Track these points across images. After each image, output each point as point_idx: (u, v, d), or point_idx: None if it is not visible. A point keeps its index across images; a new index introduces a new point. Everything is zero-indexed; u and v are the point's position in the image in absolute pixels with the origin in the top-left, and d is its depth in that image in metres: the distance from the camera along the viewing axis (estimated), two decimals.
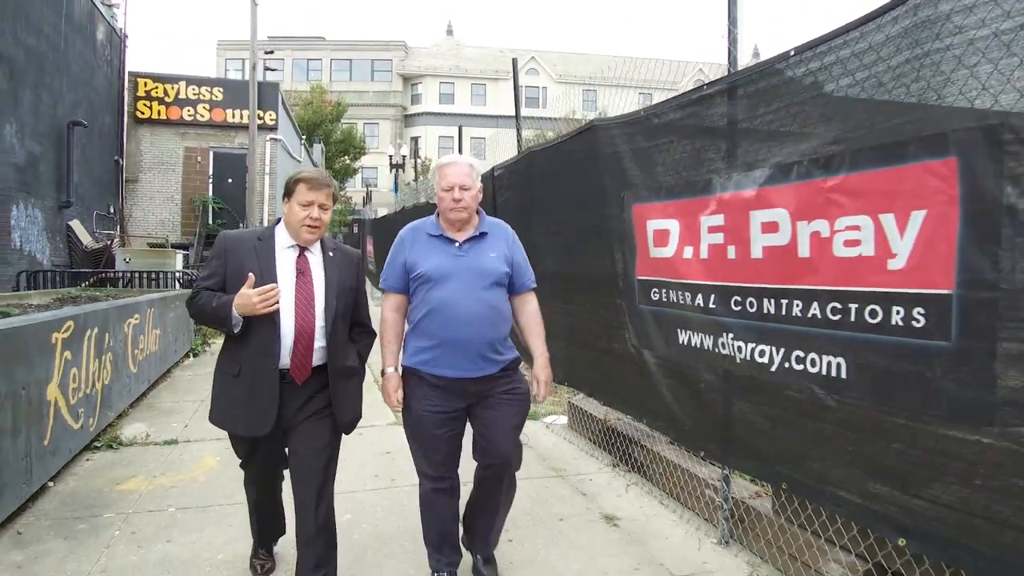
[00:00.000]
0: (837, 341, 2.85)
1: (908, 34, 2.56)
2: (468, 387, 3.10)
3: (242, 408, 2.88)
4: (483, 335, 3.08)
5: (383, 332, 3.25)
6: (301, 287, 2.94)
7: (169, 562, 3.48)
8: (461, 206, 3.12)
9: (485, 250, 3.20)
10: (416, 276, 3.15)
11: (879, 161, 2.64)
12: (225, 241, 2.99)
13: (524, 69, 52.01)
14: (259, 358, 2.86)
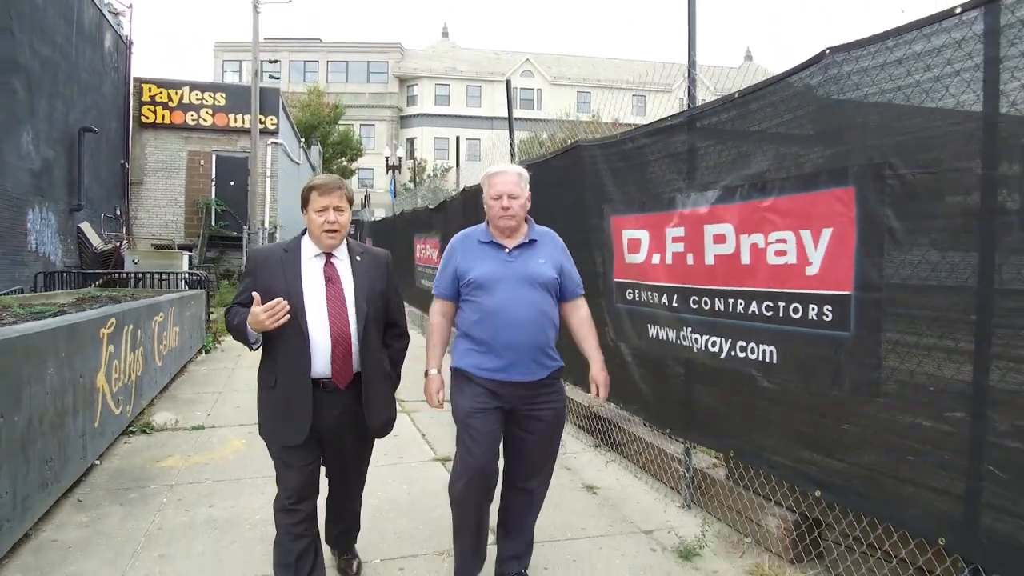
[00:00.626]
0: (770, 333, 3.50)
1: (821, 86, 3.20)
2: (515, 391, 3.16)
3: (280, 419, 2.96)
4: (533, 340, 3.14)
5: (430, 335, 3.36)
6: (332, 294, 3.00)
7: (214, 521, 4.10)
8: (509, 214, 3.19)
9: (535, 256, 3.27)
10: (467, 282, 3.21)
11: (800, 187, 3.29)
12: (255, 257, 3.08)
13: (519, 71, 52.64)
14: (291, 369, 2.92)
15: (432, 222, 11.54)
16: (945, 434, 2.64)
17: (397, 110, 52.62)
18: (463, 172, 43.19)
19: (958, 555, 2.65)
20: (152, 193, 20.98)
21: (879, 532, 3.13)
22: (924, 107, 2.74)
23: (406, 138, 51.88)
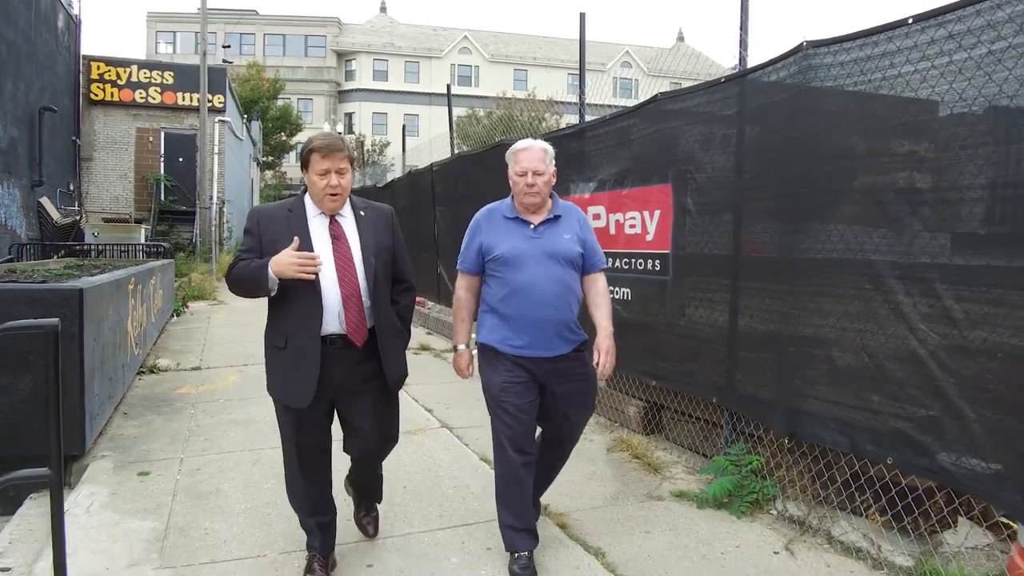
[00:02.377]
0: (627, 280, 5.20)
1: (652, 119, 4.89)
2: (543, 365, 3.19)
3: (289, 379, 2.92)
4: (559, 315, 3.17)
5: (456, 310, 3.41)
6: (339, 251, 2.95)
7: (237, 421, 5.62)
8: (534, 191, 3.21)
9: (559, 232, 3.28)
10: (493, 258, 3.23)
11: (642, 183, 4.98)
12: (258, 215, 3.01)
13: (457, 48, 53.59)
14: (302, 328, 2.87)
15: (379, 200, 12.98)
16: (716, 339, 4.38)
17: (335, 85, 53.04)
18: (399, 146, 43.95)
19: (724, 407, 4.42)
20: (102, 169, 21.74)
21: (690, 406, 4.89)
22: (708, 135, 4.45)
23: (344, 113, 52.44)
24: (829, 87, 3.57)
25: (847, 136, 3.49)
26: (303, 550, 3.20)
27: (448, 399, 6.38)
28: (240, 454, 4.79)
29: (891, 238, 3.23)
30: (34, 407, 4.29)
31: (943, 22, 3.00)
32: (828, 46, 3.55)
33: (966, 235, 2.99)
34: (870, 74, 3.34)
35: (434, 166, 9.53)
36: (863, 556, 3.35)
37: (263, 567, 3.19)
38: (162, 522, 3.65)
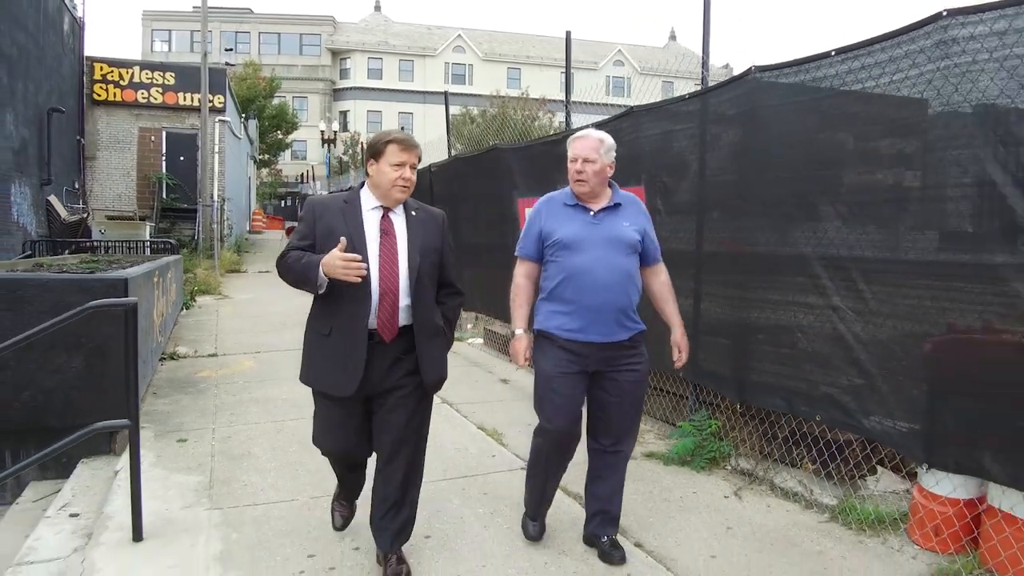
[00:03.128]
0: None
1: (628, 130, 5.53)
2: (597, 352, 3.18)
3: (332, 367, 2.96)
4: (617, 301, 3.17)
5: (515, 296, 3.40)
6: (385, 246, 2.98)
7: (256, 400, 6.25)
8: (581, 178, 3.24)
9: (619, 220, 3.29)
10: (552, 243, 3.26)
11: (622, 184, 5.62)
12: (313, 205, 3.09)
13: (451, 46, 54.14)
14: (350, 318, 2.92)
15: None
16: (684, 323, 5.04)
17: (330, 83, 53.58)
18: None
19: (690, 381, 5.07)
20: (105, 167, 22.27)
21: (663, 382, 5.54)
22: (671, 149, 5.10)
23: (339, 111, 52.96)
24: (772, 105, 4.22)
25: (788, 149, 4.14)
26: (318, 498, 3.85)
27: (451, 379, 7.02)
28: (264, 425, 5.42)
29: (819, 234, 3.88)
30: (85, 383, 4.91)
31: (857, 55, 3.65)
32: (771, 71, 4.21)
33: (875, 234, 3.65)
34: (805, 95, 4.00)
35: (432, 167, 10.16)
36: (798, 498, 4.01)
37: (296, 507, 3.83)
38: (205, 477, 4.29)
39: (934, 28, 3.20)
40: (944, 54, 3.18)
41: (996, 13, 2.95)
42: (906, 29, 3.32)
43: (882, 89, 3.54)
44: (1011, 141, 2.97)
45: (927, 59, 3.26)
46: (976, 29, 3.03)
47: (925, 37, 3.27)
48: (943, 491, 3.41)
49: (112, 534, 3.45)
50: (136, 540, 3.36)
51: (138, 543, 3.34)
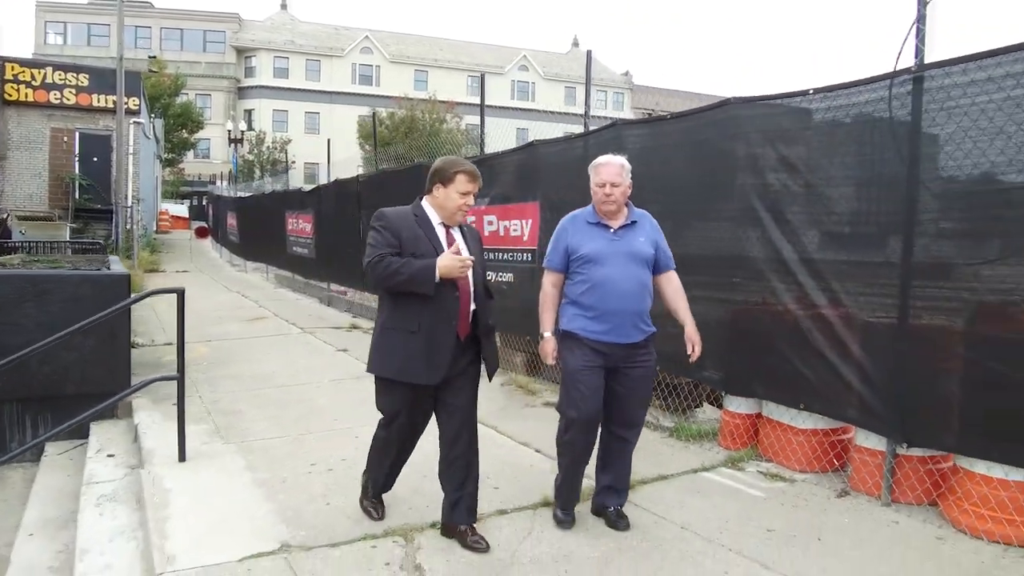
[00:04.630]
0: (511, 267, 7.44)
1: (526, 160, 7.14)
2: (617, 351, 3.63)
3: (420, 360, 3.33)
4: (635, 307, 3.64)
5: (543, 302, 3.84)
6: None
7: (225, 375, 7.51)
8: (611, 200, 3.68)
9: (636, 236, 3.75)
10: (578, 257, 3.70)
11: (521, 200, 7.23)
12: (391, 216, 3.47)
13: (358, 47, 54.70)
14: (440, 317, 3.34)
15: (305, 201, 14.81)
16: None
17: (235, 81, 53.28)
18: (301, 145, 44.24)
19: None
20: (16, 167, 22.37)
21: None
22: (563, 171, 6.74)
23: (244, 109, 52.69)
24: (631, 145, 5.88)
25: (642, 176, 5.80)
26: (311, 432, 5.27)
27: None
28: (241, 392, 6.73)
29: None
30: (98, 358, 6.12)
31: (677, 120, 5.35)
32: (633, 125, 5.88)
33: (693, 238, 5.35)
34: (658, 139, 5.68)
35: (360, 177, 11.53)
36: (649, 425, 5.69)
37: (289, 440, 5.24)
38: (210, 425, 5.62)
39: (721, 111, 4.94)
40: (735, 124, 4.91)
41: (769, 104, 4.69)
42: (703, 109, 5.05)
43: (690, 141, 5.25)
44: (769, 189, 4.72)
45: (715, 127, 5.00)
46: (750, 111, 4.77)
47: (721, 113, 4.99)
48: (737, 409, 5.15)
49: (159, 459, 4.78)
50: (181, 460, 4.71)
51: (183, 463, 4.69)
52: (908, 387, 3.95)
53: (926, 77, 3.80)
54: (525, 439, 5.32)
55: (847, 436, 4.62)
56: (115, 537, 3.87)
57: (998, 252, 3.63)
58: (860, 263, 4.24)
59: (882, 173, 4.11)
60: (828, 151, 4.48)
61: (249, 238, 20.67)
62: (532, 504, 4.05)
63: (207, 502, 4.04)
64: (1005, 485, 3.61)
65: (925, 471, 4.05)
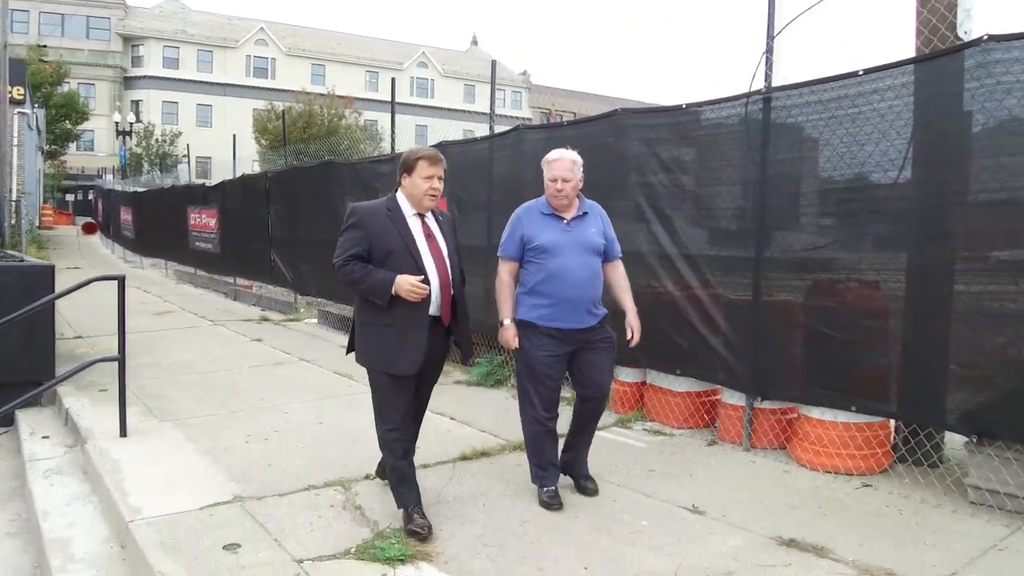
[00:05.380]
0: None
1: None
2: (574, 336, 3.83)
3: (398, 352, 3.47)
4: (588, 295, 3.84)
5: (500, 291, 3.97)
6: (433, 247, 3.57)
7: (143, 364, 7.74)
8: (562, 195, 3.86)
9: (587, 226, 3.93)
10: (533, 247, 3.85)
11: None
12: (361, 212, 3.56)
13: (252, 39, 53.55)
14: (412, 309, 3.43)
15: (209, 196, 14.84)
16: (469, 293, 7.33)
17: (121, 70, 51.20)
18: (192, 138, 43.07)
19: (483, 333, 7.37)
20: None
21: None
22: (471, 172, 7.35)
23: (131, 100, 50.73)
24: (527, 148, 6.55)
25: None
26: (241, 411, 5.71)
27: (297, 347, 8.84)
28: (164, 379, 7.02)
29: None
30: (20, 349, 6.30)
31: (572, 126, 6.07)
32: (533, 130, 6.56)
33: None
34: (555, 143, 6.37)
35: (268, 173, 11.79)
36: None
37: (221, 418, 5.64)
38: (142, 407, 5.93)
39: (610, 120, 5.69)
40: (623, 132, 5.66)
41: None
42: (596, 117, 5.80)
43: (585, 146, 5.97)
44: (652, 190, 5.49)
45: (607, 134, 5.74)
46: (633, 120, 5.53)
47: (611, 121, 5.73)
48: (625, 379, 5.92)
49: (101, 436, 5.10)
50: (122, 436, 5.06)
51: (124, 438, 5.05)
52: (762, 352, 4.79)
53: (773, 98, 4.65)
54: (440, 411, 5.91)
55: (716, 396, 5.45)
56: (71, 502, 4.24)
57: (826, 241, 4.51)
58: (725, 251, 5.07)
59: (742, 176, 4.93)
60: (699, 157, 5.29)
61: (147, 233, 20.31)
62: (451, 459, 4.67)
63: (157, 467, 4.45)
64: (834, 426, 4.49)
65: (776, 421, 4.90)
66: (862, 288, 4.44)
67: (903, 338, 4.26)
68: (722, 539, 3.52)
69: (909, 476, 4.36)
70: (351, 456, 4.68)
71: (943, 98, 4.04)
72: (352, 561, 3.24)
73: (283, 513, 3.76)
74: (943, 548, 3.47)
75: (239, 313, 12.02)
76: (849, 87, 4.31)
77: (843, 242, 4.48)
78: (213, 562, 3.20)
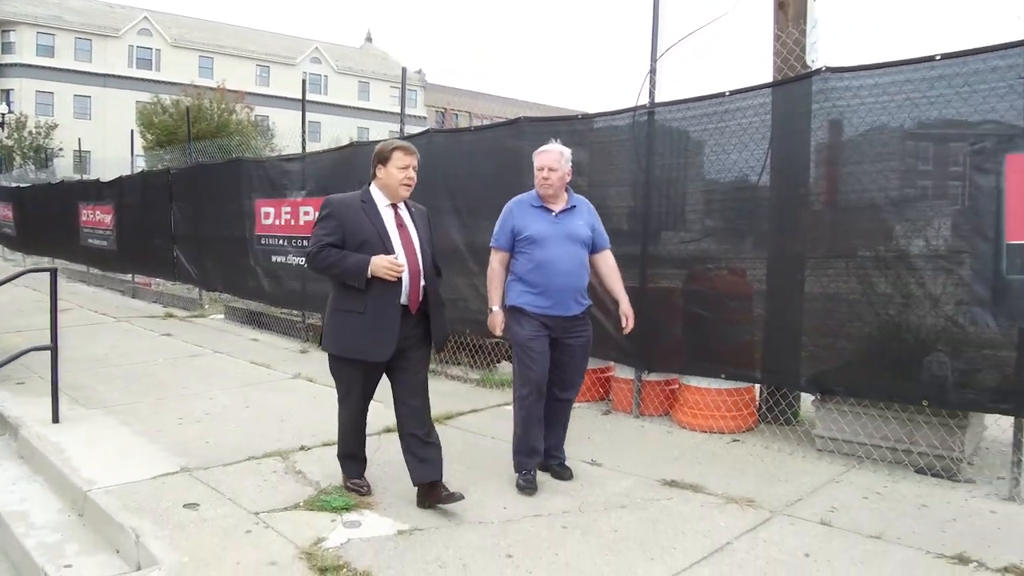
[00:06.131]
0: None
1: (345, 155, 8.15)
2: (559, 323, 4.03)
3: (370, 339, 3.57)
4: (575, 284, 4.04)
5: (491, 279, 4.20)
6: (405, 237, 3.69)
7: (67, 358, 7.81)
8: (548, 183, 4.04)
9: (575, 219, 4.11)
10: (523, 238, 4.04)
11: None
12: (335, 204, 3.68)
13: (136, 29, 51.35)
14: (384, 297, 3.56)
15: (104, 193, 14.54)
16: None
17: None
18: (69, 130, 40.99)
19: None
20: None
21: None
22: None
23: (1, 89, 47.67)
24: (438, 149, 7.07)
25: (446, 177, 7.03)
26: (167, 398, 6.00)
27: (208, 340, 9.04)
28: (81, 372, 7.13)
29: (470, 228, 6.81)
30: None
31: (474, 132, 6.65)
32: (442, 133, 7.08)
33: None
34: (462, 146, 6.92)
35: (172, 170, 11.80)
36: (460, 379, 6.96)
37: (149, 404, 5.90)
38: (67, 398, 6.03)
39: (512, 127, 6.30)
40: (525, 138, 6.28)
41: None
42: (500, 124, 6.40)
43: (489, 150, 6.57)
44: None
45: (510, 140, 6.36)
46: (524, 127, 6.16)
47: (515, 128, 6.34)
48: None
49: (33, 423, 5.27)
50: (55, 422, 5.27)
51: (57, 424, 5.26)
52: (649, 332, 5.49)
53: (656, 112, 5.38)
54: None
55: (609, 373, 6.15)
56: (16, 482, 4.48)
57: (701, 235, 5.29)
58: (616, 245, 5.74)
59: (632, 179, 5.65)
60: (595, 161, 5.97)
61: (31, 230, 19.48)
62: (378, 432, 5.12)
63: (99, 447, 4.73)
64: (708, 392, 5.26)
65: (661, 390, 5.66)
66: (730, 276, 5.24)
67: (765, 317, 5.07)
68: (616, 483, 4.18)
69: (771, 432, 5.20)
70: (283, 432, 5.09)
71: (794, 116, 4.84)
72: (303, 511, 3.71)
73: (231, 479, 4.16)
74: (793, 483, 4.25)
75: (141, 310, 11.98)
76: (718, 105, 5.08)
77: (715, 237, 5.28)
78: (177, 517, 3.59)
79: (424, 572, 3.10)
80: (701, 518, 3.73)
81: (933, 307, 4.26)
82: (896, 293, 4.40)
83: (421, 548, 3.32)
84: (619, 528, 3.59)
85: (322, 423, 5.27)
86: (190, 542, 3.33)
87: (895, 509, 3.87)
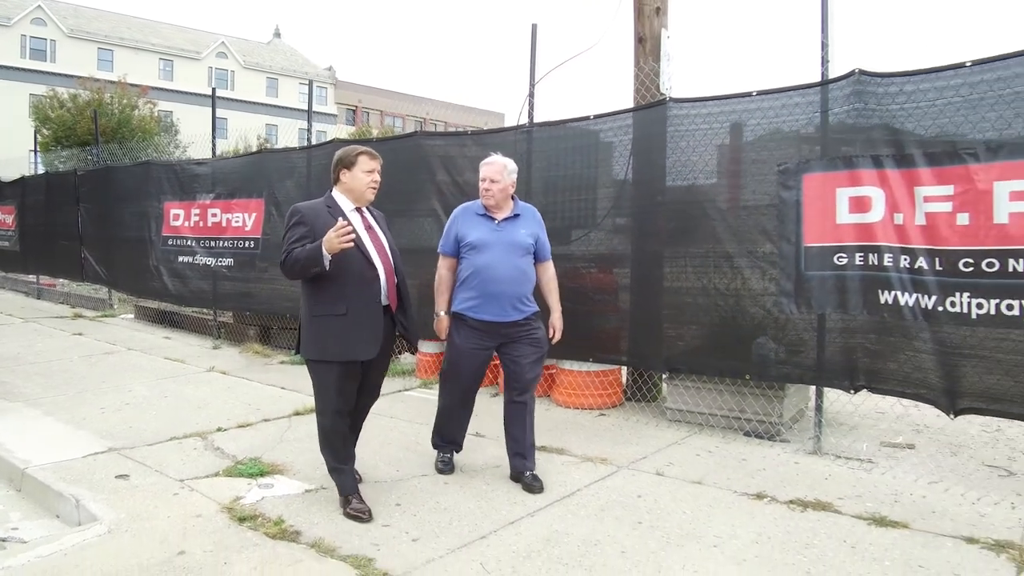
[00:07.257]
0: (231, 253, 8.86)
1: (259, 161, 8.65)
2: (499, 329, 4.13)
3: (354, 340, 3.62)
4: (512, 291, 4.09)
5: (438, 285, 4.31)
6: (374, 239, 3.78)
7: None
8: (490, 194, 4.16)
9: (518, 227, 4.20)
10: (464, 244, 4.15)
11: (247, 196, 8.70)
12: (304, 211, 3.71)
13: (29, 17, 49.11)
14: (364, 297, 3.64)
15: (6, 192, 14.39)
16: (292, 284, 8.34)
17: None
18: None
19: None
20: None
21: (285, 322, 8.76)
22: (290, 176, 8.35)
23: None
24: None
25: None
26: (87, 391, 6.42)
27: (121, 339, 9.36)
28: (7, 372, 7.42)
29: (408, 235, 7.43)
30: None
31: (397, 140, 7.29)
32: (346, 143, 7.68)
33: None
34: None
35: (79, 171, 11.91)
36: None
37: (71, 396, 6.30)
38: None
39: (412, 140, 6.97)
40: (422, 149, 6.96)
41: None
42: (400, 136, 7.06)
43: (393, 160, 7.22)
44: None
45: (410, 151, 7.03)
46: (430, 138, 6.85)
47: (413, 141, 7.02)
48: (428, 350, 7.24)
49: None
50: None
51: None
52: None
53: (534, 131, 6.18)
54: (271, 383, 6.96)
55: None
56: None
57: (574, 237, 6.11)
58: None
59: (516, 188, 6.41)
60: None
61: None
62: (287, 415, 5.77)
63: (28, 435, 5.16)
64: (580, 375, 6.12)
65: (544, 374, 6.44)
66: (600, 273, 6.08)
67: (630, 309, 5.92)
68: (495, 450, 4.91)
69: (632, 407, 6.09)
70: (201, 417, 5.64)
71: (650, 136, 5.70)
72: (223, 478, 4.31)
73: (156, 455, 4.71)
74: (642, 445, 5.12)
75: (48, 311, 12.07)
76: (586, 125, 5.92)
77: (586, 238, 6.09)
78: (111, 485, 4.14)
79: (328, 518, 3.76)
80: (560, 472, 4.52)
81: (753, 300, 5.19)
82: (727, 288, 5.32)
83: (326, 502, 3.97)
84: (491, 482, 4.35)
85: (236, 409, 5.87)
86: (125, 504, 3.89)
87: (720, 463, 4.77)
